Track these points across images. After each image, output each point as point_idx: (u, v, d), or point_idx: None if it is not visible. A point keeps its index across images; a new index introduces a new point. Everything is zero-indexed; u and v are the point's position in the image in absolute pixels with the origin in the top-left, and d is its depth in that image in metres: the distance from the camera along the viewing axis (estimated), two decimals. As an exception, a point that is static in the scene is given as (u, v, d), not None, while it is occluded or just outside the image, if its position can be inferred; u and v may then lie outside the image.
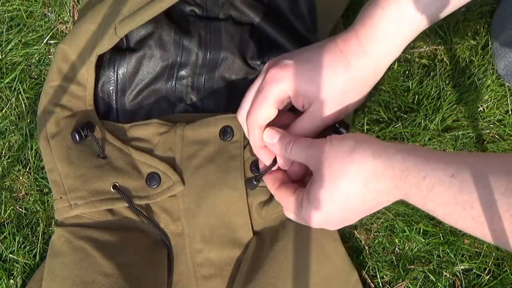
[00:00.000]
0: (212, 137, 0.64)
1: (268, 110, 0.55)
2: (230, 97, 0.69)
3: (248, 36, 0.69)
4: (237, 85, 0.69)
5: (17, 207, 0.72)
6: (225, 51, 0.68)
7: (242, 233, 0.65)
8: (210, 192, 0.63)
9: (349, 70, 0.52)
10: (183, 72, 0.68)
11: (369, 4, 0.52)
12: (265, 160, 0.58)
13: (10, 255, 0.70)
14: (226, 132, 0.63)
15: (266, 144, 0.57)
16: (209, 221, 0.64)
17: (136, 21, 0.61)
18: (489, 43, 0.74)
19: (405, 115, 0.73)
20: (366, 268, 0.71)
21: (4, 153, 0.72)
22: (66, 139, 0.62)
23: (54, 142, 0.62)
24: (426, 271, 0.70)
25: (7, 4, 0.73)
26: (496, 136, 0.74)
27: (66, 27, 0.74)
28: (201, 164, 0.63)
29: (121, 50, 0.67)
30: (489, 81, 0.73)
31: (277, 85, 0.53)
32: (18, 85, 0.72)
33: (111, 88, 0.67)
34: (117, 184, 0.62)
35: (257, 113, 0.55)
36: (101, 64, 0.66)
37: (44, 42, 0.73)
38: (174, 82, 0.68)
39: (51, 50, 0.74)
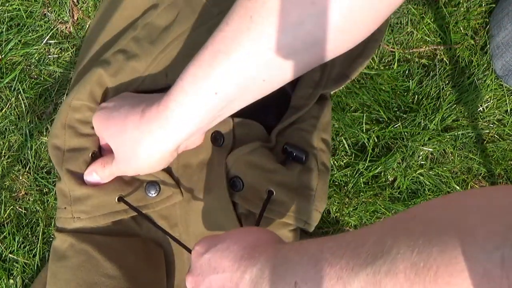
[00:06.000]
0: (204, 142, 0.63)
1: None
2: None
3: None
4: None
5: (17, 207, 0.72)
6: None
7: None
8: (198, 199, 0.63)
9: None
10: None
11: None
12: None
13: (10, 255, 0.70)
14: (216, 138, 0.62)
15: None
16: (200, 227, 0.64)
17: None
18: (488, 43, 0.74)
19: (404, 115, 0.73)
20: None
21: (4, 153, 0.72)
22: (81, 157, 0.62)
23: (69, 155, 0.62)
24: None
25: (7, 4, 0.73)
26: (496, 136, 0.74)
27: (66, 27, 0.74)
28: (194, 172, 0.63)
29: None
30: (489, 81, 0.73)
31: None
32: (18, 85, 0.72)
33: None
34: (122, 195, 0.62)
35: None
36: None
37: (44, 42, 0.73)
38: None
39: (50, 50, 0.73)
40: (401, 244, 0.32)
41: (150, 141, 0.54)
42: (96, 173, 0.60)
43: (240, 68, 0.48)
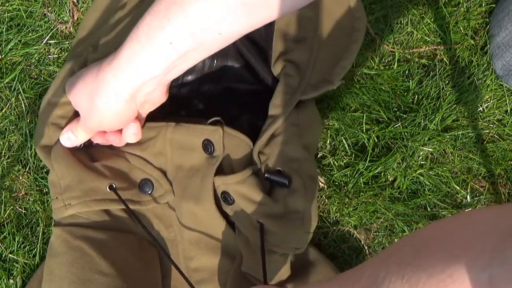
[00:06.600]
0: (196, 147, 0.63)
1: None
2: (234, 106, 0.69)
3: (256, 50, 0.68)
4: (242, 95, 0.69)
5: (17, 207, 0.72)
6: (232, 61, 0.68)
7: (228, 240, 0.65)
8: (187, 204, 0.63)
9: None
10: (188, 78, 0.68)
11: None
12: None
13: (10, 255, 0.70)
14: (207, 146, 0.62)
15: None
16: (193, 232, 0.65)
17: None
18: (488, 43, 0.74)
19: (404, 115, 0.73)
20: (366, 267, 0.71)
21: (4, 153, 0.72)
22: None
23: (55, 145, 0.62)
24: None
25: (7, 4, 0.73)
26: (496, 136, 0.74)
27: (66, 27, 0.74)
28: (186, 175, 0.63)
29: None
30: (489, 81, 0.74)
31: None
32: (18, 85, 0.72)
33: None
34: (114, 185, 0.62)
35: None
36: None
37: (44, 42, 0.73)
38: (178, 87, 0.68)
39: (50, 50, 0.74)
40: (393, 273, 0.32)
41: (105, 90, 0.55)
42: (72, 132, 0.61)
43: (195, 22, 0.49)
